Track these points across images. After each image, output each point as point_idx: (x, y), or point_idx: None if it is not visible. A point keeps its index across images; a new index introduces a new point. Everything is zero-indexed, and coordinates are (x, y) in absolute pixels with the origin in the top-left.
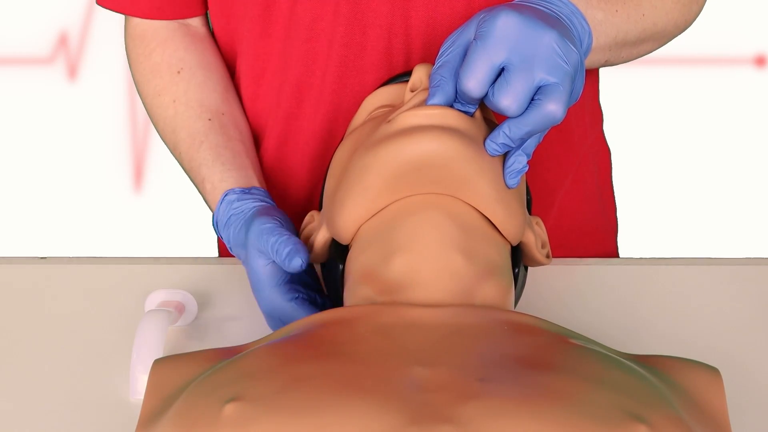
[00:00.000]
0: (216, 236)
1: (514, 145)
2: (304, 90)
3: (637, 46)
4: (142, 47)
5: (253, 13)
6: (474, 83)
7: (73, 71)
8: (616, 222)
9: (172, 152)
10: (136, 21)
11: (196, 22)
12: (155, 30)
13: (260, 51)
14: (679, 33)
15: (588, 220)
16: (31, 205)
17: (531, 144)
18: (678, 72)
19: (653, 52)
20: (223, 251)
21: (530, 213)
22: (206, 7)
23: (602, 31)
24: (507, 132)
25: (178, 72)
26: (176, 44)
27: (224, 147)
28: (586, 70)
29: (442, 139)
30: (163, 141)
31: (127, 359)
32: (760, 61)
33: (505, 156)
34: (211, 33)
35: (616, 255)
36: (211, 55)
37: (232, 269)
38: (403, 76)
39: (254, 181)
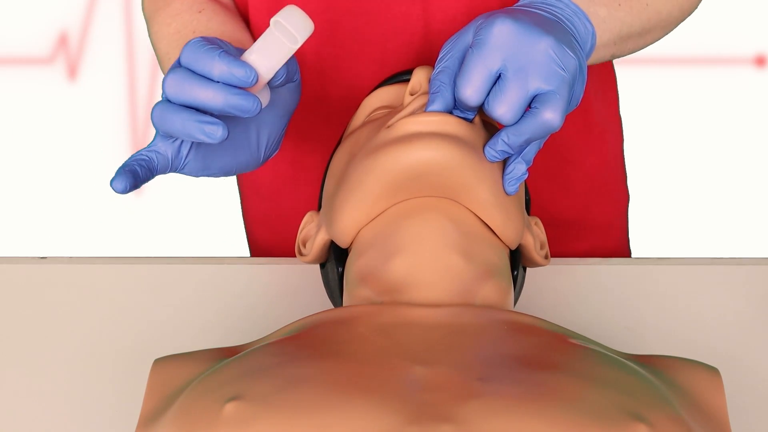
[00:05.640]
0: (213, 237)
1: (513, 152)
2: (303, 82)
3: (643, 37)
4: (162, 1)
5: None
6: (470, 91)
7: (73, 71)
8: (628, 195)
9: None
10: None
11: None
12: None
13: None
14: (685, 18)
15: (609, 189)
16: (31, 205)
17: (531, 151)
18: (678, 72)
19: (652, 53)
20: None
21: (529, 214)
22: None
23: (606, 27)
24: (505, 139)
25: (200, 12)
26: None
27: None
28: (600, 64)
29: (442, 146)
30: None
31: (127, 360)
32: (760, 61)
33: (505, 161)
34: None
35: (627, 235)
36: (234, 16)
37: (232, 269)
38: (402, 75)
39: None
